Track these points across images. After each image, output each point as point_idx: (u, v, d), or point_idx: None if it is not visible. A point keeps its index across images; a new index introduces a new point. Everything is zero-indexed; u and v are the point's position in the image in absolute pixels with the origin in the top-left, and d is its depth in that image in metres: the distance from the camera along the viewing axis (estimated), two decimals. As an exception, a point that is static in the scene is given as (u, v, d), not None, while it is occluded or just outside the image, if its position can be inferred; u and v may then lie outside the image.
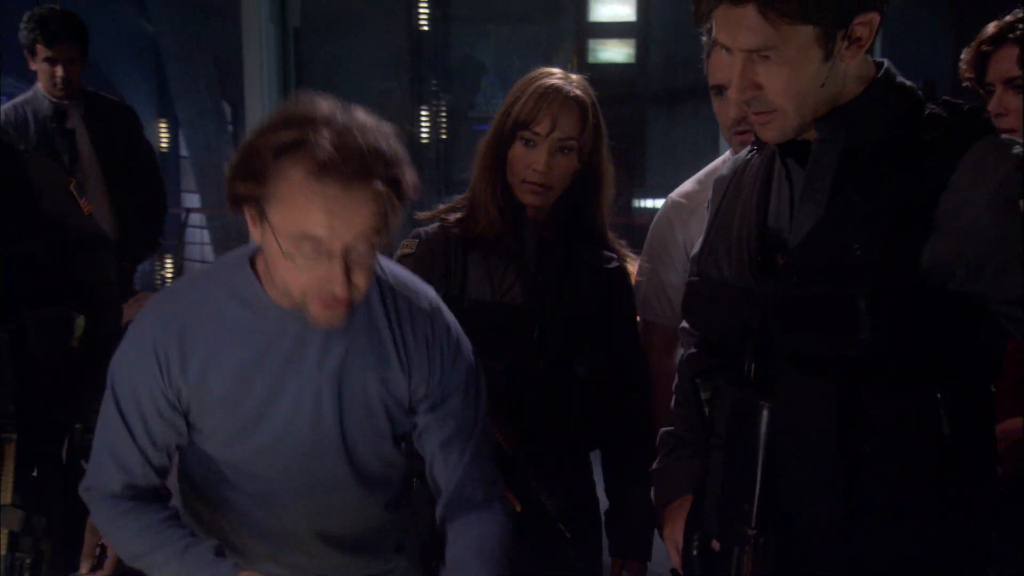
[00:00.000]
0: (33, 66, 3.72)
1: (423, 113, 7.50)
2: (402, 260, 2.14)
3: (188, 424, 1.66)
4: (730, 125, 2.11)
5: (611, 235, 2.24)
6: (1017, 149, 1.35)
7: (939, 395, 1.37)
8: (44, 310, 1.77)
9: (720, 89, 2.08)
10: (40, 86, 3.77)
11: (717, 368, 1.55)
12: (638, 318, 2.29)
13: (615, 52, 7.27)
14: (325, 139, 1.43)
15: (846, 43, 1.36)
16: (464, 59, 8.51)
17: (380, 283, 1.68)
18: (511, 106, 2.06)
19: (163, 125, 9.82)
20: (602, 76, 8.03)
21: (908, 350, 1.37)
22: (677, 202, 2.28)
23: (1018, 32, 1.83)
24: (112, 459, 1.64)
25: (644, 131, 7.36)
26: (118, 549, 1.70)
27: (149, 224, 4.09)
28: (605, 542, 2.25)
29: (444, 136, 7.76)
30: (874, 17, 1.36)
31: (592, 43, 7.92)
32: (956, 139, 1.36)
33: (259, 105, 4.83)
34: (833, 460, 1.40)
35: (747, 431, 1.46)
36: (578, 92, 2.05)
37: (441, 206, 2.21)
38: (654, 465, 1.84)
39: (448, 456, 1.72)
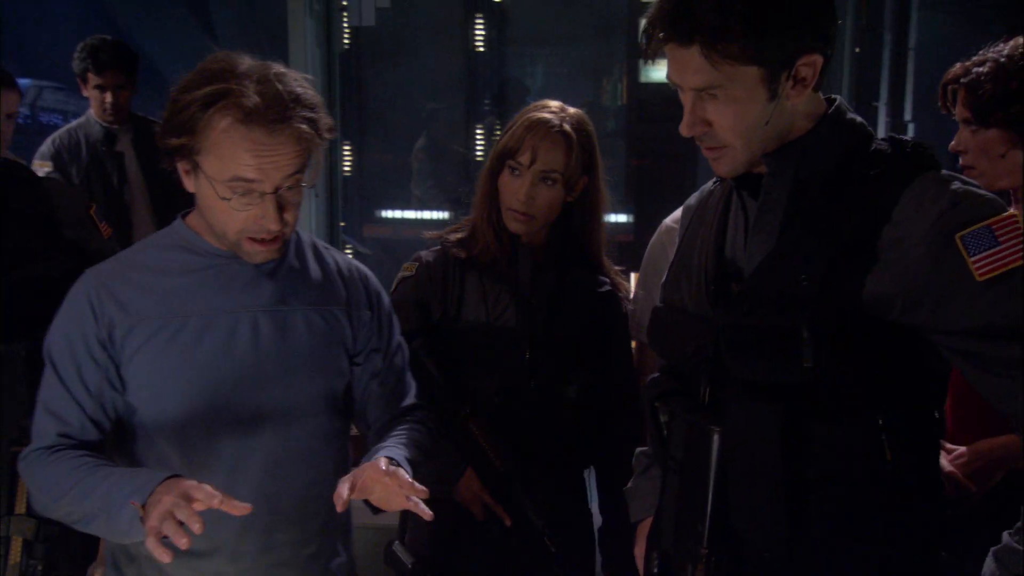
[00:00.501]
0: (85, 93, 3.88)
1: (477, 132, 7.62)
2: (403, 282, 2.22)
3: (122, 378, 1.67)
4: None
5: (606, 260, 2.28)
6: (956, 184, 1.36)
7: (881, 421, 1.39)
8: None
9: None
10: (92, 112, 3.93)
11: (675, 393, 1.59)
12: (633, 341, 2.33)
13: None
14: (248, 89, 1.54)
15: (791, 83, 1.39)
16: (512, 80, 8.61)
17: (301, 237, 1.81)
18: (503, 136, 2.13)
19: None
20: (653, 96, 8.08)
21: (850, 378, 1.39)
22: (670, 227, 2.31)
23: (970, 77, 1.86)
24: (46, 412, 1.66)
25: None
26: (42, 498, 1.66)
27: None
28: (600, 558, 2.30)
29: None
30: (817, 59, 1.39)
31: (644, 63, 7.97)
32: (899, 174, 1.38)
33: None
34: (778, 483, 1.42)
35: (700, 454, 1.49)
36: (567, 127, 2.09)
37: (447, 228, 2.27)
38: (628, 484, 1.88)
39: (379, 395, 1.85)
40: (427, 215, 6.36)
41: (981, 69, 1.84)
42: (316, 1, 4.81)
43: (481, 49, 8.84)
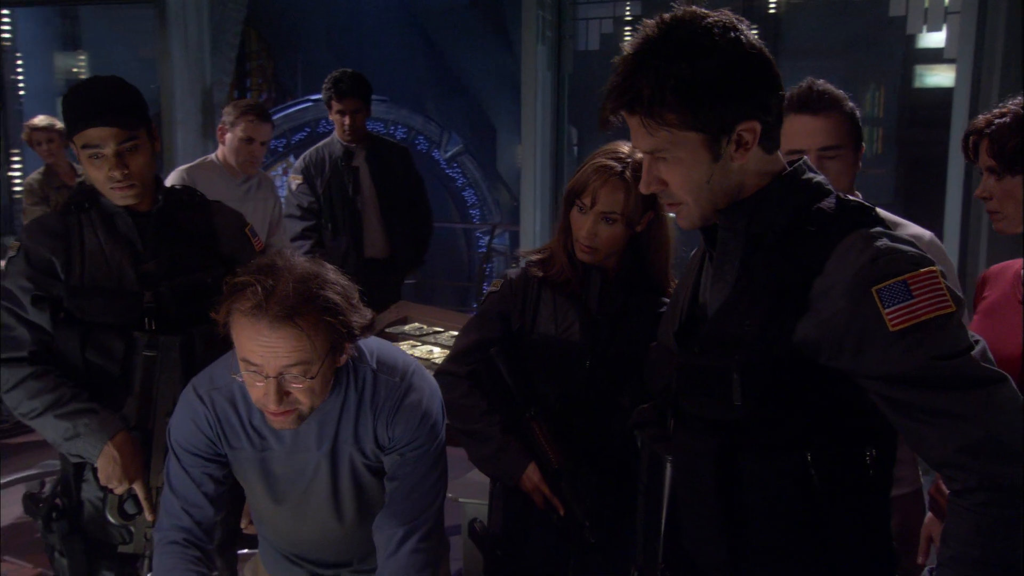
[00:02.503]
0: (331, 116, 4.37)
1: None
2: (489, 296, 2.43)
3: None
4: None
5: (673, 284, 2.37)
6: (882, 242, 1.37)
7: (809, 457, 1.41)
8: (208, 327, 1.97)
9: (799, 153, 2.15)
10: (335, 133, 4.42)
11: (650, 423, 1.65)
12: None
13: (943, 77, 6.91)
14: (265, 286, 1.68)
15: (733, 147, 1.42)
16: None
17: (360, 369, 1.93)
18: (575, 174, 2.24)
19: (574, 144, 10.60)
20: (927, 102, 7.63)
21: (779, 417, 1.42)
22: None
23: (993, 128, 1.85)
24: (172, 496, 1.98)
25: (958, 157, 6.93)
26: None
27: (416, 244, 4.59)
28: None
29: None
30: (755, 125, 1.41)
31: (919, 68, 7.54)
32: (835, 230, 1.41)
33: (532, 143, 5.21)
34: (714, 511, 1.48)
35: (656, 480, 1.58)
36: (628, 173, 2.14)
37: (531, 251, 2.46)
38: None
39: (393, 487, 1.97)
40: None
41: (1004, 120, 1.84)
42: (548, 28, 5.07)
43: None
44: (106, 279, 2.33)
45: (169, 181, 3.92)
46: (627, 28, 5.09)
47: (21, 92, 8.22)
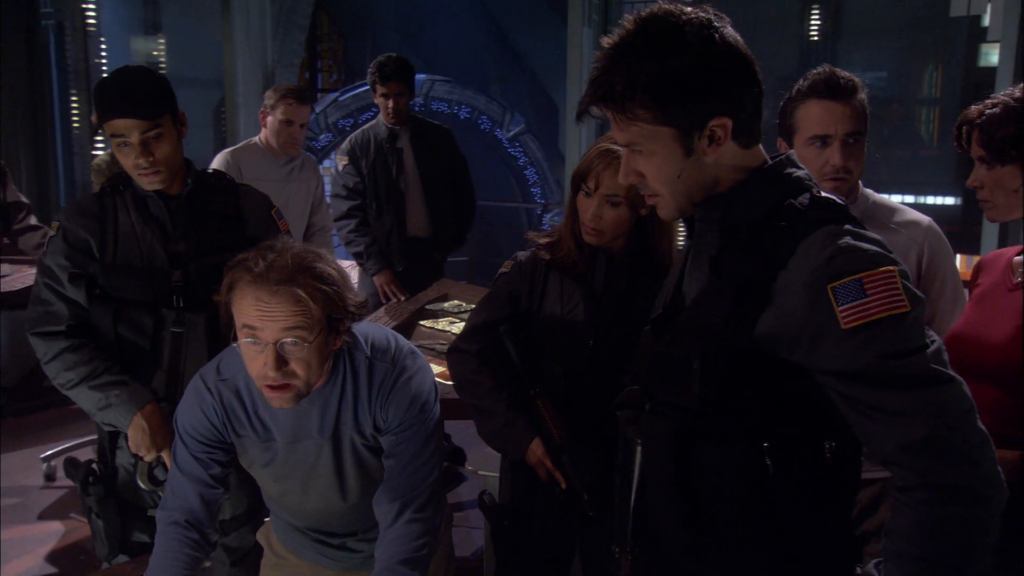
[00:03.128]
0: (375, 100, 4.43)
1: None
2: (500, 276, 2.47)
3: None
4: (817, 174, 2.16)
5: None
6: (844, 240, 1.37)
7: (766, 447, 1.42)
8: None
9: (823, 139, 2.14)
10: (380, 115, 4.48)
11: (631, 405, 1.67)
12: None
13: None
14: (265, 258, 1.78)
15: (705, 142, 1.42)
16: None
17: (355, 358, 1.99)
18: (581, 159, 2.28)
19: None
20: (987, 82, 7.42)
21: (736, 407, 1.43)
22: None
23: (984, 118, 1.84)
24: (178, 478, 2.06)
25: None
26: None
27: (458, 223, 4.62)
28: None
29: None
30: (727, 121, 1.41)
31: (985, 48, 7.32)
32: (802, 227, 1.40)
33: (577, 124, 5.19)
34: (673, 494, 1.50)
35: (628, 462, 1.62)
36: None
37: (540, 233, 2.49)
38: None
39: (390, 463, 2.02)
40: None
41: (994, 111, 1.82)
42: (594, 11, 5.05)
43: (815, 39, 8.60)
44: (138, 258, 2.41)
45: (215, 163, 4.04)
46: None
47: (104, 75, 8.47)
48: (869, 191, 2.27)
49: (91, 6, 8.22)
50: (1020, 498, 1.79)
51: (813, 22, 8.61)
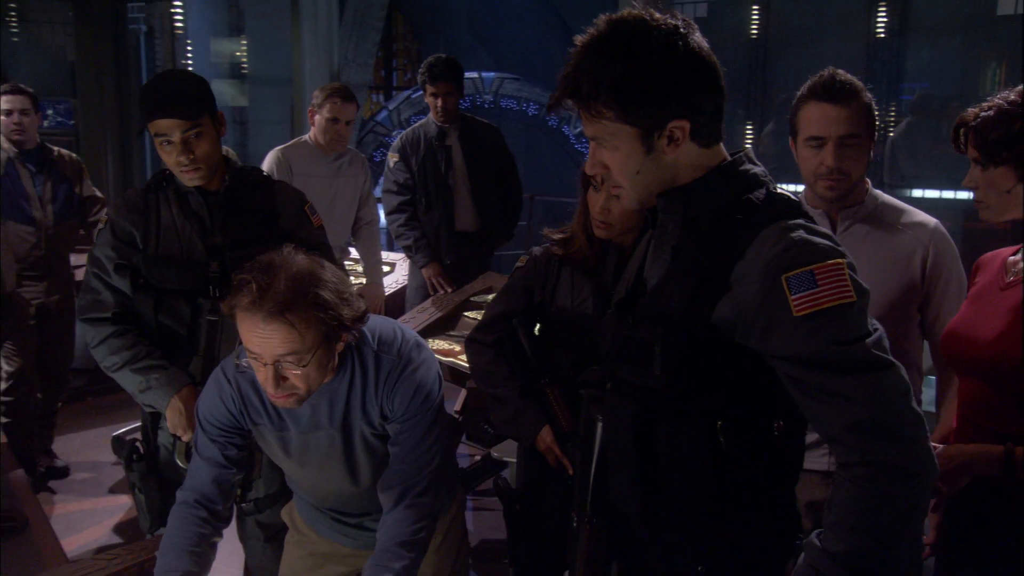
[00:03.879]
0: (426, 99, 4.49)
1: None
2: (516, 270, 2.52)
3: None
4: (813, 174, 2.20)
5: None
6: (796, 233, 1.42)
7: (720, 425, 1.48)
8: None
9: (819, 140, 2.16)
10: (430, 114, 4.54)
11: (595, 383, 1.72)
12: None
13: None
14: (260, 283, 1.77)
15: (664, 141, 1.47)
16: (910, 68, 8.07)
17: (363, 354, 2.02)
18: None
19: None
20: (1058, 77, 7.19)
21: (693, 387, 1.48)
22: None
23: (979, 120, 1.84)
24: (196, 460, 2.13)
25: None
26: None
27: (505, 219, 4.68)
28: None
29: (891, 134, 7.91)
30: (684, 124, 1.45)
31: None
32: (758, 220, 1.46)
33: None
34: (633, 469, 1.56)
35: (589, 437, 1.67)
36: None
37: (554, 230, 2.52)
38: None
39: (394, 449, 2.06)
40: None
41: (988, 114, 1.82)
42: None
43: (882, 36, 8.40)
44: (177, 250, 2.52)
45: (267, 160, 4.15)
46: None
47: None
48: (878, 192, 2.27)
49: (179, 11, 8.50)
50: (1005, 491, 1.83)
51: (880, 19, 8.42)
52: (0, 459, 3.98)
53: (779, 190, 1.52)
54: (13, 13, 7.63)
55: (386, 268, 5.14)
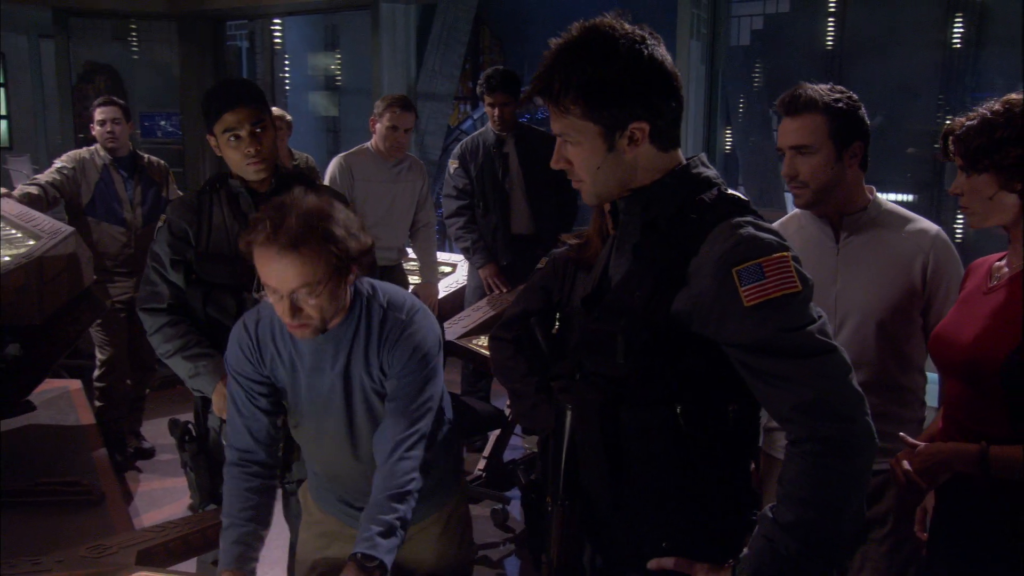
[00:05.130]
0: (485, 109, 4.58)
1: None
2: (536, 271, 2.56)
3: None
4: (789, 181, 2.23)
5: None
6: (745, 230, 1.48)
7: (679, 410, 1.54)
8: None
9: (780, 152, 2.23)
10: (489, 123, 4.62)
11: (565, 375, 1.77)
12: None
13: None
14: (273, 220, 1.86)
15: (625, 141, 1.53)
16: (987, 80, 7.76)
17: (371, 307, 2.08)
18: None
19: (728, 131, 10.38)
20: None
21: (654, 375, 1.55)
22: None
23: (963, 130, 1.86)
24: (232, 414, 2.19)
25: None
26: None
27: (559, 222, 4.71)
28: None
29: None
30: (644, 125, 1.52)
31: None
32: (710, 218, 1.52)
33: (684, 134, 5.19)
34: (600, 454, 1.62)
35: (560, 425, 1.71)
36: None
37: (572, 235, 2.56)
38: None
39: (389, 407, 2.09)
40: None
41: (972, 123, 1.85)
42: (702, 25, 5.02)
43: (958, 46, 8.11)
44: (226, 248, 2.65)
45: (330, 166, 4.30)
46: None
47: (287, 88, 9.03)
48: (882, 199, 2.28)
49: (278, 27, 8.78)
50: (978, 488, 1.84)
51: (956, 30, 8.13)
52: (88, 439, 4.22)
53: (729, 191, 1.57)
54: (134, 34, 8.02)
55: (448, 269, 5.26)
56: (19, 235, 3.46)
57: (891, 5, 8.55)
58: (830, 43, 8.94)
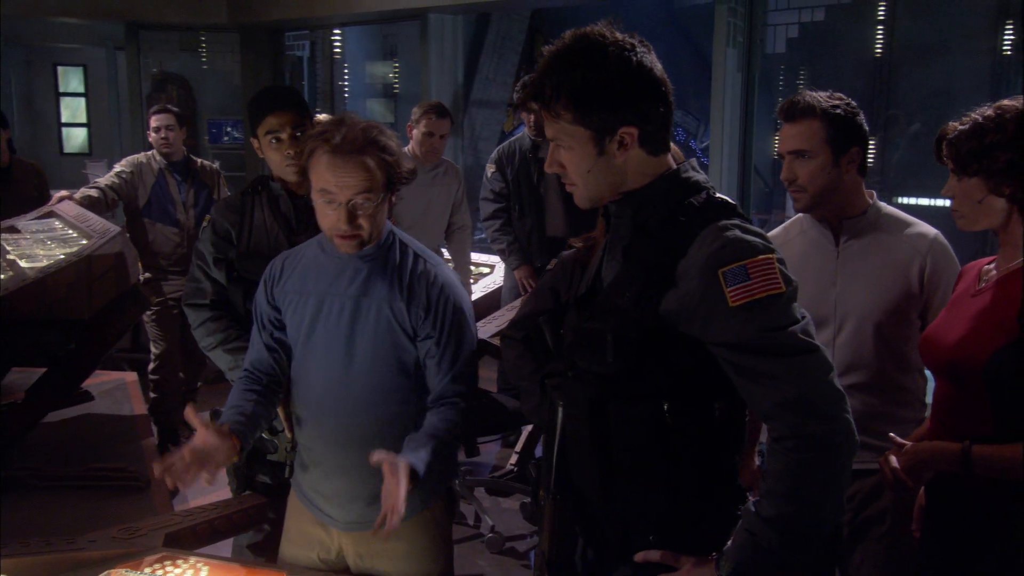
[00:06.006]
0: (521, 115, 4.61)
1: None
2: (546, 272, 2.58)
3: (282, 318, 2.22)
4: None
5: None
6: (731, 232, 1.50)
7: (666, 406, 1.56)
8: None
9: (781, 158, 2.23)
10: (525, 129, 4.64)
11: (555, 373, 1.79)
12: None
13: None
14: (338, 132, 1.97)
15: (615, 145, 1.55)
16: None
17: (405, 248, 2.14)
18: None
19: (776, 138, 10.25)
20: None
21: (642, 373, 1.56)
22: None
23: (955, 134, 1.85)
24: (253, 334, 2.28)
25: None
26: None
27: (592, 226, 4.71)
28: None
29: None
30: (633, 130, 1.54)
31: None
32: (698, 222, 1.53)
33: (719, 140, 5.15)
34: (589, 448, 1.64)
35: (552, 420, 1.75)
36: None
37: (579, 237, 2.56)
38: None
39: (433, 369, 2.12)
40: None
41: (964, 128, 1.84)
42: (739, 34, 4.97)
43: (1008, 53, 7.89)
44: (266, 247, 2.70)
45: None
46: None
47: (346, 95, 9.18)
48: (882, 204, 2.28)
49: (338, 37, 8.93)
50: (964, 486, 1.84)
51: (1006, 36, 7.93)
52: (139, 429, 4.35)
53: (718, 195, 1.58)
54: (204, 46, 8.24)
55: (486, 270, 5.29)
56: (74, 235, 3.59)
57: (941, 13, 8.37)
58: (879, 51, 8.79)
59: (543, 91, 1.55)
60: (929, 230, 2.22)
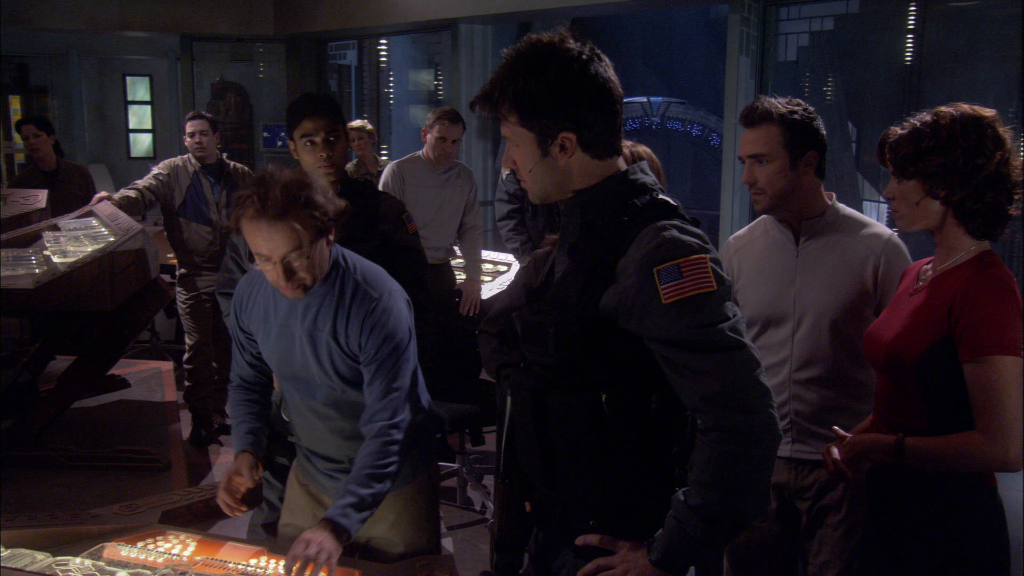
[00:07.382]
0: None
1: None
2: (520, 269, 2.60)
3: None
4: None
5: None
6: (668, 232, 1.50)
7: (604, 398, 1.58)
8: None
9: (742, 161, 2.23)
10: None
11: (508, 364, 1.80)
12: None
13: None
14: (259, 195, 1.94)
15: (557, 148, 1.57)
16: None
17: (348, 279, 2.12)
18: None
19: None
20: None
21: (581, 365, 1.58)
22: (728, 242, 2.40)
23: (895, 138, 1.85)
24: (234, 352, 2.34)
25: None
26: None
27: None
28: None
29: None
30: (572, 136, 1.55)
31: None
32: (639, 221, 1.55)
33: (732, 146, 5.08)
34: (531, 436, 1.66)
35: (502, 409, 1.77)
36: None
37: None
38: None
39: (367, 394, 2.14)
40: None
41: (903, 132, 1.84)
42: (752, 42, 4.93)
43: (1036, 61, 7.67)
44: None
45: (384, 172, 4.42)
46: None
47: (391, 102, 9.29)
48: (841, 205, 2.27)
49: (384, 47, 9.04)
50: (901, 477, 1.86)
51: (1035, 45, 7.68)
52: (168, 415, 4.48)
53: (662, 197, 1.58)
54: (261, 54, 8.42)
55: (503, 268, 5.31)
56: (105, 232, 3.71)
57: (969, 21, 8.15)
58: (909, 59, 8.58)
59: (492, 95, 1.58)
60: (884, 231, 2.20)
